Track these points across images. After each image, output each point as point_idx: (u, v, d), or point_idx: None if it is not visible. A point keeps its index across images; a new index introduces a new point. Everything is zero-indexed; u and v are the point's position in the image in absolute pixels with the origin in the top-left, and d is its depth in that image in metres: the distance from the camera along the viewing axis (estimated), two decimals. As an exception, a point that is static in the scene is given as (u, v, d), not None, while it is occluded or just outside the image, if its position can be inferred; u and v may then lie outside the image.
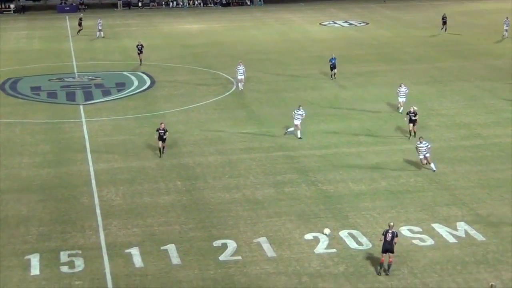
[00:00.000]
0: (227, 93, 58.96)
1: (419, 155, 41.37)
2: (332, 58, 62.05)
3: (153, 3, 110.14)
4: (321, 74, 64.79)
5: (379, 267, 30.65)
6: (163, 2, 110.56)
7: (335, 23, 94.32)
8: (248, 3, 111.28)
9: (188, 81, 63.10)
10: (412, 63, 69.52)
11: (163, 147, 44.18)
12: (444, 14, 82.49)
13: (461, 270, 30.74)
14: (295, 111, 47.29)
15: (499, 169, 41.98)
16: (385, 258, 30.53)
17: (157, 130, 44.05)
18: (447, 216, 35.71)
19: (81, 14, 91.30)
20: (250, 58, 71.62)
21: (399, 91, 52.43)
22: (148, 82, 62.80)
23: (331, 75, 62.22)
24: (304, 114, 47.32)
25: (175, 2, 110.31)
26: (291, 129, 47.60)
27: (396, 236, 30.56)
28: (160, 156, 43.83)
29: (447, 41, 79.88)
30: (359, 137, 47.87)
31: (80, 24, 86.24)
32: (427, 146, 41.01)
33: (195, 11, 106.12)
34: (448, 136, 47.59)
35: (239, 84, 58.55)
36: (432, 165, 41.20)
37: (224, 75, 64.89)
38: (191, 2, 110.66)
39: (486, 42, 78.59)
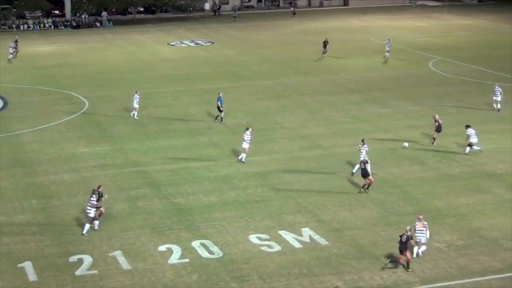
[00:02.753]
0: (80, 112, 59.30)
1: None
2: (219, 98, 55.44)
3: (4, 26, 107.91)
4: (170, 92, 66.06)
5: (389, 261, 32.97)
6: (14, 25, 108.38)
7: (182, 43, 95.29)
8: (98, 25, 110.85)
9: (41, 102, 63.05)
10: (257, 80, 71.39)
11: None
12: (326, 38, 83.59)
13: (306, 273, 32.33)
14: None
15: (339, 177, 44.16)
16: (402, 257, 32.48)
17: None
18: (293, 223, 37.36)
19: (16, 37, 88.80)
20: (102, 78, 72.13)
21: (245, 134, 46.83)
22: (1, 104, 62.26)
23: (220, 118, 55.78)
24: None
25: (26, 25, 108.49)
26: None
27: (411, 238, 32.77)
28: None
29: (289, 58, 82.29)
30: (208, 150, 49.33)
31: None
32: None
33: (46, 33, 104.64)
34: (291, 147, 49.48)
35: (135, 112, 57.08)
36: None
37: (76, 95, 65.08)
38: (42, 25, 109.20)
39: (325, 59, 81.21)
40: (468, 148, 48.19)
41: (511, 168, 45.44)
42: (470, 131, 48.19)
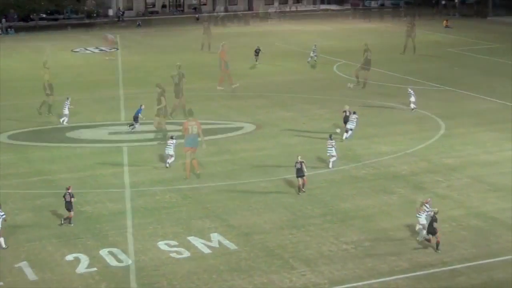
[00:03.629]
0: (-19, 122, 57.99)
1: None
2: (139, 109, 55.60)
3: None
4: (76, 99, 64.62)
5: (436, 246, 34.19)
6: None
7: (87, 49, 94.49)
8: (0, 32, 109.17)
9: None
10: (163, 86, 70.54)
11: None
12: (258, 46, 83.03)
13: (216, 278, 32.31)
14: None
15: (247, 181, 44.30)
16: (432, 239, 34.16)
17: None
18: (202, 229, 37.29)
19: None
20: (4, 86, 70.63)
21: (170, 143, 46.83)
22: None
23: (131, 125, 55.08)
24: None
25: None
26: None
27: (436, 221, 34.01)
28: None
29: (195, 63, 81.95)
30: (114, 157, 48.99)
31: None
32: None
33: None
34: (198, 153, 49.18)
35: (65, 119, 56.28)
36: None
37: (-23, 104, 63.65)
38: None
39: (238, 63, 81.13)
40: (345, 134, 50.35)
41: (415, 169, 46.37)
42: (352, 117, 49.90)
